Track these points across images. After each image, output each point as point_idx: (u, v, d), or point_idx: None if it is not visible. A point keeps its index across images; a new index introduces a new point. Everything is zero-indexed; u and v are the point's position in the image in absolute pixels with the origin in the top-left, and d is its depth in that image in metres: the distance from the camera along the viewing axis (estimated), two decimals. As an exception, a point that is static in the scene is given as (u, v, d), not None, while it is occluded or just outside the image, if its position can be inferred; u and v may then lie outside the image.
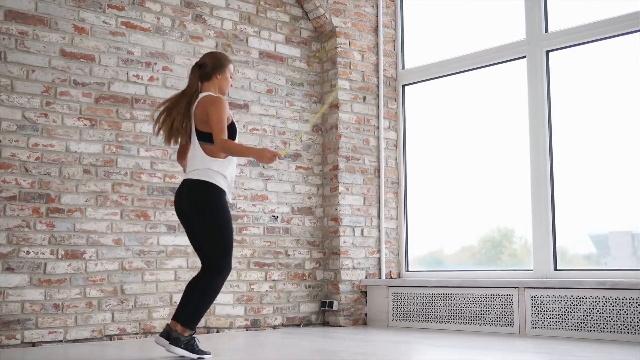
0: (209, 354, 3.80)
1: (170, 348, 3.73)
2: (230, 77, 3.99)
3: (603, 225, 4.99)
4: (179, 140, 3.95)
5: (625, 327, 4.32)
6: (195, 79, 3.91)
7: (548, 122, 5.06)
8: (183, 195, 3.84)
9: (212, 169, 3.77)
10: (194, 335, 3.78)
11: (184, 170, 4.00)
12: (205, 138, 3.80)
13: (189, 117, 3.88)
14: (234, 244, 4.18)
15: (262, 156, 3.74)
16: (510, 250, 5.53)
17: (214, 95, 3.86)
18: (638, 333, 4.26)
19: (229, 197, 3.88)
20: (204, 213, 3.77)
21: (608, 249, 5.02)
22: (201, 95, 3.88)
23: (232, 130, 3.86)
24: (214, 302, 4.43)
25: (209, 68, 3.91)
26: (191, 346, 3.74)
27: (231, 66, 4.00)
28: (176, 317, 3.77)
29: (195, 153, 3.84)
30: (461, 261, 5.75)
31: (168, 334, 3.74)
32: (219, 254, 3.78)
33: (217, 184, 3.77)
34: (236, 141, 3.89)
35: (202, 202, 3.76)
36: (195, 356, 3.73)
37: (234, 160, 3.89)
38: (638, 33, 4.73)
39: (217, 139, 3.71)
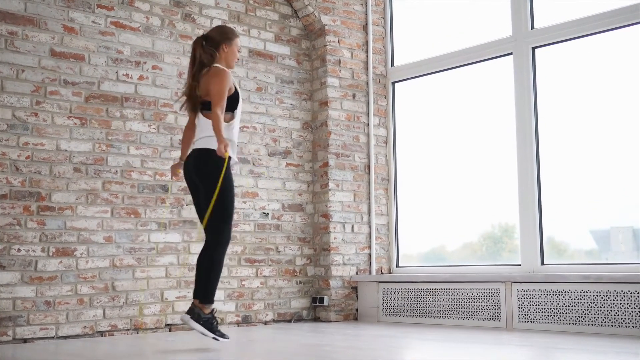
0: (227, 338, 3.96)
1: (189, 323, 3.90)
2: (238, 51, 4.15)
3: (604, 221, 5.02)
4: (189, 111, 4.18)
5: (610, 319, 4.37)
6: (199, 49, 4.06)
7: (534, 118, 5.11)
8: (191, 163, 4.06)
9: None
10: (215, 316, 3.96)
11: (182, 147, 4.25)
12: (207, 107, 4.00)
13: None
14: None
15: (220, 146, 3.82)
16: (511, 246, 5.56)
17: (219, 67, 4.03)
18: (622, 326, 4.32)
19: (234, 157, 4.07)
20: (210, 180, 3.94)
21: (609, 245, 5.05)
22: (210, 66, 4.05)
23: (234, 99, 4.05)
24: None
25: (216, 39, 4.09)
26: (210, 325, 3.91)
27: (238, 40, 4.17)
28: (195, 293, 3.99)
29: (200, 122, 4.07)
30: (463, 258, 5.77)
31: (192, 311, 3.92)
32: (221, 220, 3.97)
33: None
34: (239, 109, 4.09)
35: (209, 169, 3.96)
36: (211, 335, 3.91)
37: (237, 124, 4.09)
38: (624, 29, 4.77)
39: (213, 108, 3.90)
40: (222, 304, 5.22)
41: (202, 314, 3.91)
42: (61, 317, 4.55)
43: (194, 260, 4.80)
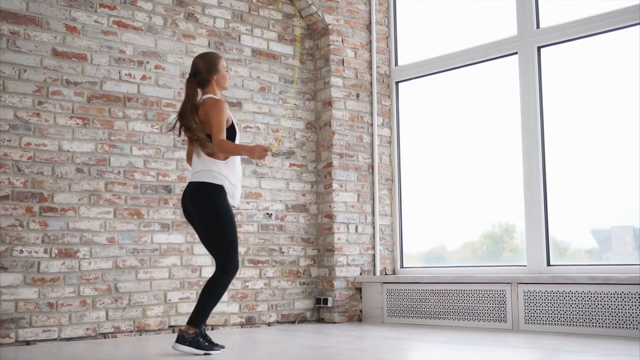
0: (220, 348, 3.87)
1: (175, 346, 3.84)
2: (226, 71, 4.09)
3: (605, 221, 4.99)
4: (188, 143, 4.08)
5: (617, 321, 4.33)
6: (193, 89, 3.99)
7: (540, 117, 5.07)
8: (187, 198, 3.96)
9: (214, 171, 3.87)
10: (203, 332, 3.87)
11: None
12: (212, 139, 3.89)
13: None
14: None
15: (253, 152, 3.83)
16: (512, 245, 5.53)
17: (215, 97, 3.98)
18: (630, 327, 4.28)
19: (235, 203, 3.98)
20: (206, 214, 3.88)
21: (610, 244, 5.02)
22: (203, 97, 3.99)
23: (232, 131, 3.96)
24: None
25: (204, 74, 4.01)
26: (197, 342, 3.83)
27: (223, 61, 4.09)
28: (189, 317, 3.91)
29: (197, 156, 3.95)
30: (463, 257, 5.75)
31: (181, 336, 3.85)
32: (223, 253, 3.88)
33: (218, 182, 3.87)
34: (236, 142, 4.00)
35: (204, 203, 3.87)
36: (202, 352, 3.82)
37: (236, 163, 3.98)
38: (630, 28, 4.74)
39: (215, 138, 3.81)
40: (225, 305, 5.18)
41: (186, 335, 3.82)
42: (64, 318, 4.51)
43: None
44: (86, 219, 4.66)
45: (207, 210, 3.87)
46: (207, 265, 5.11)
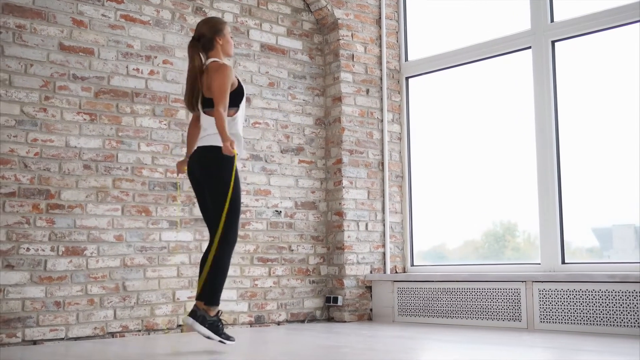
0: (233, 340, 3.85)
1: (194, 326, 3.77)
2: (231, 38, 4.05)
3: (606, 219, 4.92)
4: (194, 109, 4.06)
5: (636, 321, 4.24)
6: (196, 52, 3.95)
7: (554, 113, 4.98)
8: (195, 162, 3.94)
9: None
10: (221, 318, 3.84)
11: (187, 144, 4.12)
12: (211, 104, 3.87)
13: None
14: (239, 237, 4.14)
15: (225, 147, 3.71)
16: (514, 244, 5.47)
17: (219, 61, 3.93)
18: (648, 326, 4.20)
19: (243, 154, 3.98)
20: (215, 179, 3.85)
21: (611, 242, 4.95)
22: (208, 61, 3.95)
23: (239, 94, 3.94)
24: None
25: (208, 36, 3.97)
26: (216, 327, 3.79)
27: (227, 26, 4.07)
28: (199, 295, 3.87)
29: (203, 119, 3.95)
30: (464, 256, 5.68)
31: (195, 313, 3.79)
32: (229, 223, 3.84)
33: None
34: (242, 105, 3.97)
35: (214, 168, 3.85)
36: (217, 338, 3.79)
37: (240, 118, 3.96)
38: (646, 22, 4.66)
39: (216, 106, 3.77)
40: (234, 304, 5.11)
41: (207, 316, 3.78)
42: (71, 318, 4.44)
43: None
44: (93, 217, 4.58)
45: (217, 176, 3.83)
46: (215, 264, 5.03)
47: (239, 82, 3.97)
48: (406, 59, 6.00)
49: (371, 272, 5.66)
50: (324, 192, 5.71)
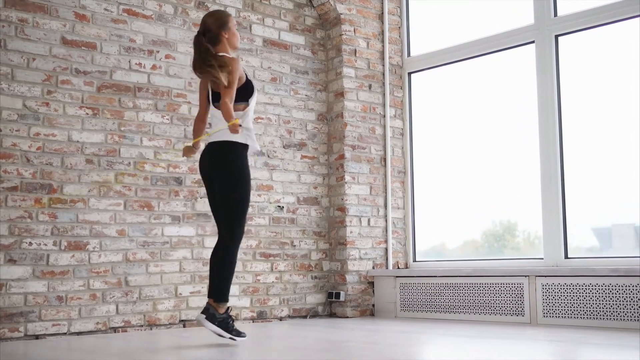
0: (244, 336, 3.86)
1: (204, 323, 3.78)
2: (236, 30, 4.04)
3: (605, 218, 4.90)
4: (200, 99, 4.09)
5: (639, 314, 4.23)
6: (201, 44, 3.92)
7: (558, 109, 4.97)
8: (207, 157, 3.95)
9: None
10: (230, 315, 3.85)
11: (193, 137, 4.11)
12: (220, 98, 3.86)
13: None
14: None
15: (232, 125, 3.70)
16: (513, 243, 5.45)
17: (228, 56, 3.91)
18: (652, 321, 4.19)
19: (257, 146, 3.97)
20: (227, 174, 3.86)
21: (610, 242, 4.94)
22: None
23: (248, 88, 3.94)
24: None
25: (214, 31, 3.94)
26: (226, 324, 3.81)
27: (233, 19, 4.05)
28: (209, 293, 3.89)
29: (213, 115, 3.97)
30: (464, 255, 5.66)
31: (207, 310, 3.80)
32: (234, 218, 3.87)
33: (239, 140, 3.86)
34: (254, 98, 3.97)
35: (226, 164, 3.86)
36: (228, 335, 3.80)
37: (251, 112, 3.97)
38: (650, 16, 4.65)
39: (222, 97, 3.78)
40: (236, 299, 5.09)
41: (217, 313, 3.79)
42: (73, 312, 4.43)
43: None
44: (96, 211, 4.57)
45: (229, 171, 3.85)
46: (218, 259, 5.02)
47: (247, 78, 3.96)
48: (408, 55, 5.98)
49: (373, 268, 5.65)
50: (326, 188, 5.70)
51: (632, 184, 4.58)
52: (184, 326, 4.83)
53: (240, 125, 3.70)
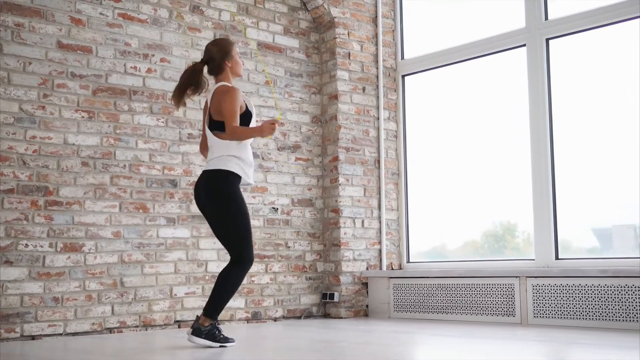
0: (233, 341, 3.86)
1: (191, 339, 3.81)
2: (239, 58, 4.07)
3: (606, 219, 4.95)
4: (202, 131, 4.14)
5: (628, 315, 4.29)
6: (197, 72, 3.97)
7: (549, 111, 5.03)
8: (201, 187, 3.93)
9: (226, 155, 3.86)
10: (216, 325, 3.85)
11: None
12: (219, 127, 3.90)
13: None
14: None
15: (263, 130, 3.80)
16: (513, 244, 5.49)
17: (228, 85, 3.95)
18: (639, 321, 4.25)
19: (251, 180, 3.96)
20: (217, 203, 3.85)
21: (611, 243, 4.98)
22: (216, 85, 3.96)
23: (247, 117, 3.95)
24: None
25: (217, 60, 3.98)
26: (212, 335, 3.82)
27: (235, 47, 4.07)
28: (204, 309, 3.89)
29: (211, 144, 3.96)
30: (464, 256, 5.70)
31: (194, 325, 3.83)
32: (237, 245, 3.86)
33: (231, 170, 3.85)
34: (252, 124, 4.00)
35: (216, 192, 3.85)
36: (217, 344, 3.81)
37: (247, 144, 3.95)
38: (639, 19, 4.69)
39: (228, 127, 3.81)
40: (231, 300, 5.12)
41: (202, 327, 3.80)
42: (69, 313, 4.48)
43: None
44: (91, 213, 4.62)
45: (218, 199, 3.84)
46: (212, 260, 5.07)
47: (247, 106, 3.98)
48: (402, 57, 6.04)
49: (367, 269, 5.70)
50: (320, 190, 5.75)
51: (632, 184, 4.62)
52: (179, 327, 4.88)
53: (282, 124, 3.73)
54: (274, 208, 5.46)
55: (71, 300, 4.49)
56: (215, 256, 5.07)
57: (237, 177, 3.87)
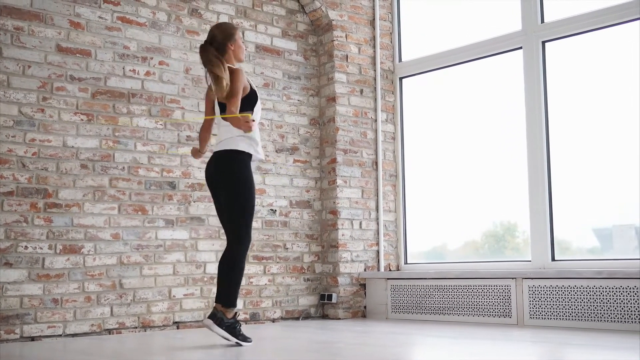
0: (250, 341, 3.92)
1: (212, 327, 3.86)
2: (242, 43, 4.12)
3: (606, 219, 4.97)
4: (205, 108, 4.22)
5: (623, 316, 4.32)
6: (210, 55, 3.98)
7: (545, 113, 5.06)
8: (212, 167, 4.04)
9: (236, 135, 3.94)
10: (238, 320, 3.92)
11: (199, 144, 4.26)
12: (226, 108, 3.95)
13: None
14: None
15: (239, 125, 3.75)
16: (513, 244, 5.52)
17: (232, 67, 4.01)
18: (636, 322, 4.27)
19: (262, 155, 4.07)
20: (230, 183, 3.96)
21: (611, 243, 5.01)
22: None
23: (253, 97, 4.03)
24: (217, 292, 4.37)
25: (220, 41, 4.02)
26: (233, 329, 3.88)
27: (239, 32, 4.15)
28: (217, 297, 3.94)
29: (219, 125, 4.05)
30: (464, 256, 5.73)
31: (214, 315, 3.88)
32: (240, 224, 3.96)
33: (242, 149, 3.95)
34: (258, 107, 4.06)
35: (229, 172, 3.96)
36: (234, 340, 3.87)
37: (255, 121, 3.99)
38: (635, 22, 4.72)
39: (228, 107, 3.87)
40: (230, 301, 5.17)
41: (225, 318, 3.87)
42: (69, 315, 4.51)
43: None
44: (90, 215, 4.65)
45: (231, 179, 3.95)
46: (211, 262, 5.10)
47: (251, 87, 4.04)
48: (400, 60, 6.07)
49: (365, 270, 5.73)
50: (318, 191, 5.78)
51: (632, 185, 4.65)
52: (178, 328, 4.91)
53: (253, 120, 3.77)
54: (272, 210, 5.49)
55: (70, 302, 4.52)
56: (213, 258, 5.10)
57: (248, 156, 3.98)
